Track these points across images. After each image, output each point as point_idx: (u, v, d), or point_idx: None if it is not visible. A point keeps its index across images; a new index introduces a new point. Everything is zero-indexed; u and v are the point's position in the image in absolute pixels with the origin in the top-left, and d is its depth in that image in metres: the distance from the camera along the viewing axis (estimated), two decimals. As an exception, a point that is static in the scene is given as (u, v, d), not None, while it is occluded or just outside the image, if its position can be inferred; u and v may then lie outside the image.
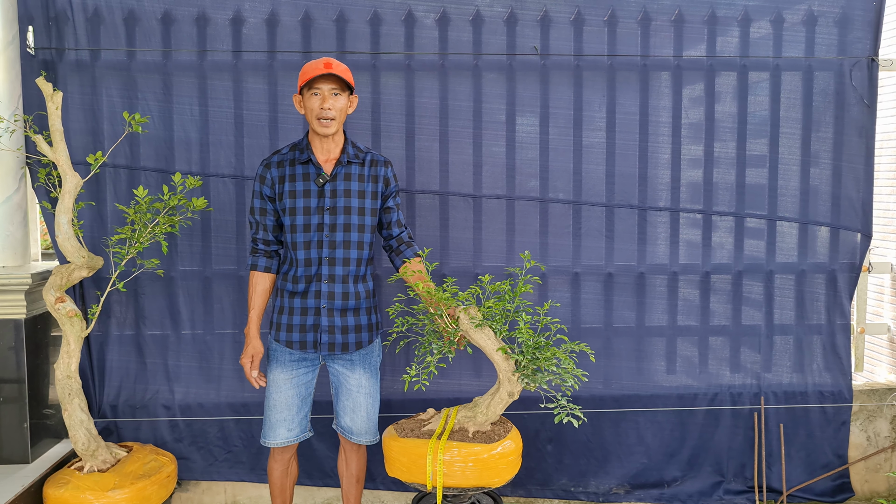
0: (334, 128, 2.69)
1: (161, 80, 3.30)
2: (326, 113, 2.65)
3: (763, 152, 3.50)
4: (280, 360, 2.82)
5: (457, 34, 3.36)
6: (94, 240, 3.31)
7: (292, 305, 2.77)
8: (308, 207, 2.71)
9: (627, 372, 3.54)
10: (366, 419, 2.85)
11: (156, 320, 3.40)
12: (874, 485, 3.68)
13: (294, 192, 2.72)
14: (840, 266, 3.55)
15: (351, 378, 2.82)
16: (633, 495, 3.56)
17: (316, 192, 2.72)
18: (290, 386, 2.81)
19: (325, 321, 2.75)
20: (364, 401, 2.83)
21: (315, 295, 2.74)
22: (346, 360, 2.82)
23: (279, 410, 2.82)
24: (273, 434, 2.83)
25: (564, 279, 3.48)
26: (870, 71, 3.46)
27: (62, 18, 3.24)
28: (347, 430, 2.86)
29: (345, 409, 2.85)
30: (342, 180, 2.73)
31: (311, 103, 2.67)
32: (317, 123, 2.67)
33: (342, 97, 2.69)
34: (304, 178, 2.72)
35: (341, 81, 2.67)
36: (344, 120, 2.74)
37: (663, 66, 3.44)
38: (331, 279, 2.74)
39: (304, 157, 2.73)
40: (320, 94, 2.66)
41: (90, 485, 2.86)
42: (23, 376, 3.14)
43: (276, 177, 2.75)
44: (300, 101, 2.73)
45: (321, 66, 2.64)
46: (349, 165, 2.75)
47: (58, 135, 2.90)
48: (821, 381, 3.59)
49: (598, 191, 3.46)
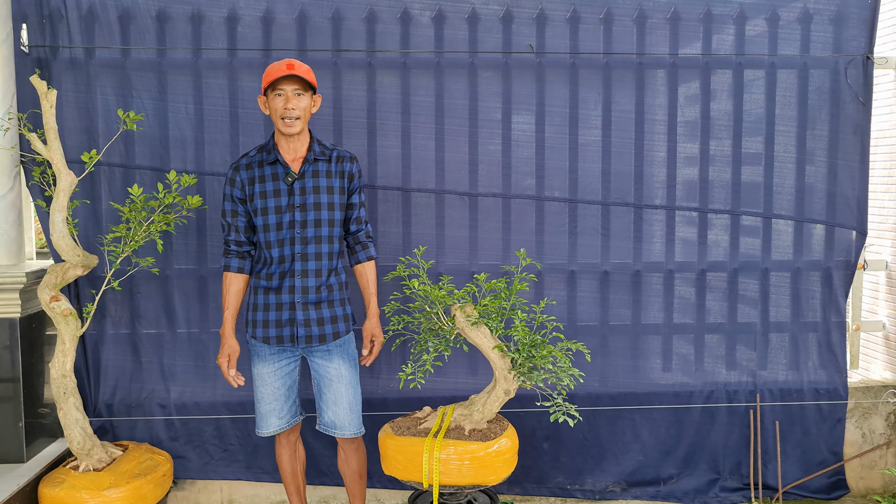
0: (298, 127, 2.75)
1: (156, 78, 3.29)
2: (290, 113, 2.71)
3: (759, 150, 3.50)
4: (261, 355, 2.88)
5: (453, 32, 3.36)
6: (88, 238, 3.30)
7: (267, 302, 2.82)
8: (279, 206, 2.77)
9: (623, 370, 3.54)
10: (348, 410, 2.87)
11: (151, 319, 3.40)
12: (869, 481, 3.69)
13: (264, 192, 2.78)
14: (835, 264, 3.56)
15: (330, 368, 2.85)
16: (629, 493, 3.57)
17: (286, 191, 2.78)
18: (274, 378, 2.88)
19: (301, 315, 2.80)
20: (345, 391, 2.86)
21: (289, 290, 2.80)
22: (323, 351, 2.85)
23: (268, 402, 2.89)
24: (265, 424, 2.92)
25: (560, 277, 3.49)
26: (865, 68, 3.47)
27: (56, 16, 3.23)
28: (331, 425, 2.88)
29: (326, 403, 2.87)
30: (310, 177, 2.79)
31: (275, 104, 2.73)
32: (281, 123, 2.73)
33: (305, 97, 2.75)
34: (273, 178, 2.78)
35: (304, 82, 2.72)
36: (308, 119, 2.79)
37: (659, 63, 3.44)
38: (304, 274, 2.79)
39: (271, 157, 2.79)
40: (284, 94, 2.71)
41: (86, 484, 2.85)
42: (17, 375, 3.13)
43: (245, 179, 2.80)
44: (265, 101, 2.79)
45: (283, 67, 2.70)
46: (316, 163, 2.81)
47: (52, 133, 2.89)
48: (816, 378, 3.60)
49: (594, 189, 3.46)
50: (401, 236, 3.40)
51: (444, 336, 2.83)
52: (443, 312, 2.79)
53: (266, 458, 3.47)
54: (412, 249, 3.25)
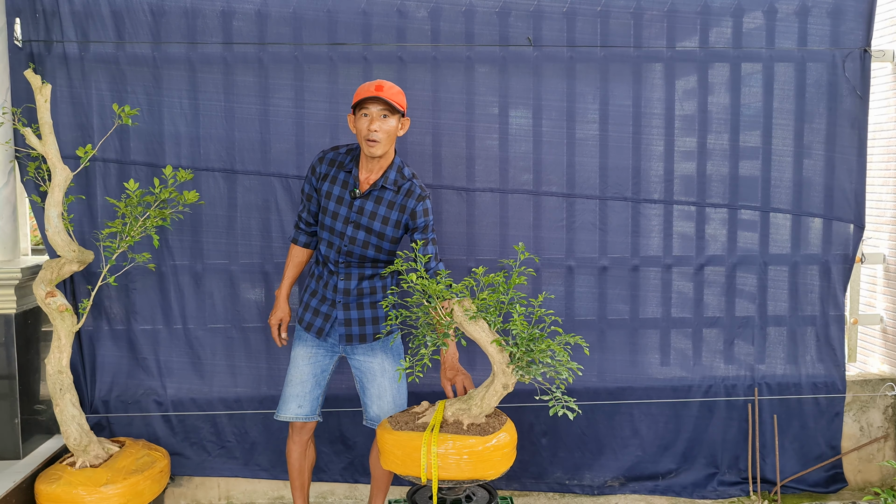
0: (380, 150, 2.72)
1: (151, 73, 3.28)
2: (373, 135, 2.69)
3: (756, 144, 3.50)
4: (303, 339, 2.96)
5: (449, 26, 3.35)
6: (84, 234, 3.29)
7: (315, 288, 2.92)
8: (337, 213, 2.82)
9: (621, 364, 3.54)
10: (392, 404, 2.92)
11: (147, 315, 3.38)
12: (867, 475, 3.69)
13: (331, 193, 2.82)
14: (833, 257, 3.55)
15: (374, 363, 2.91)
16: (627, 488, 3.56)
17: (348, 202, 2.81)
18: (307, 363, 2.93)
19: (342, 314, 2.88)
20: (389, 385, 2.91)
21: (333, 288, 2.87)
22: (366, 348, 2.91)
23: (294, 385, 2.94)
24: (285, 408, 2.95)
25: (558, 272, 3.48)
26: (862, 62, 3.46)
27: (50, 10, 3.21)
28: (377, 419, 2.93)
29: (371, 398, 2.92)
30: (373, 202, 2.80)
31: (360, 124, 2.71)
32: (364, 144, 2.72)
33: (392, 119, 2.71)
34: (343, 184, 2.82)
35: (391, 104, 2.68)
36: (393, 142, 2.77)
37: (656, 57, 3.43)
38: (347, 277, 2.86)
39: (349, 166, 2.82)
40: (369, 115, 2.69)
41: (82, 480, 2.84)
42: (13, 372, 3.11)
43: (323, 173, 2.85)
44: (353, 120, 2.76)
45: (372, 88, 2.68)
46: (383, 190, 2.81)
47: (47, 128, 2.87)
48: (814, 372, 3.60)
49: (592, 183, 3.45)
50: (398, 231, 3.39)
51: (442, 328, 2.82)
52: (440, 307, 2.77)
53: (263, 455, 3.47)
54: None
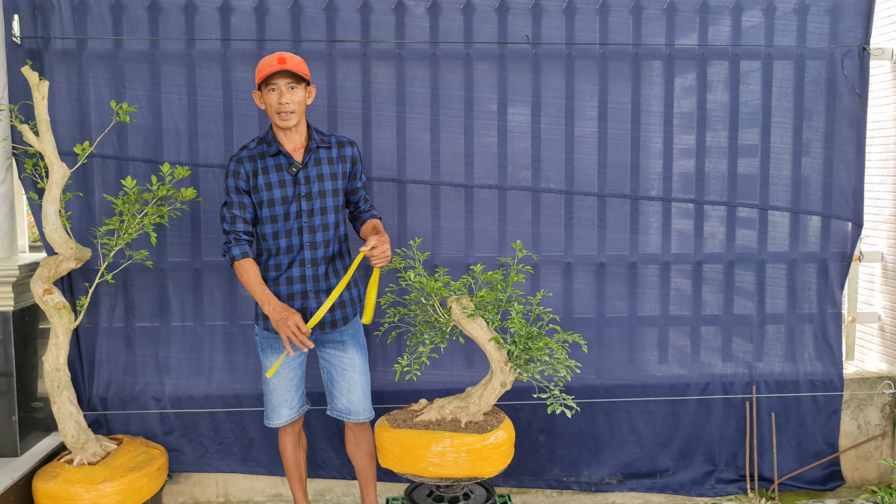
0: (294, 120, 2.74)
1: (149, 69, 3.27)
2: (285, 107, 2.71)
3: (755, 141, 3.50)
4: (273, 346, 2.88)
5: (448, 23, 3.34)
6: (82, 231, 3.28)
7: (278, 293, 2.80)
8: (285, 197, 2.77)
9: (619, 362, 3.54)
10: (361, 397, 2.91)
11: (145, 312, 3.38)
12: (864, 472, 3.70)
13: (269, 183, 2.77)
14: (831, 255, 3.55)
15: (344, 358, 2.89)
16: (625, 485, 3.57)
17: (290, 181, 2.78)
18: (287, 369, 2.89)
19: (314, 303, 2.82)
20: (358, 379, 2.90)
21: (300, 280, 2.81)
22: (337, 342, 2.88)
23: (280, 393, 2.90)
24: (276, 415, 2.92)
25: (556, 269, 3.48)
26: (861, 60, 3.46)
27: (48, 6, 3.20)
28: (345, 411, 2.91)
29: (340, 391, 2.90)
30: (313, 166, 2.80)
31: (270, 99, 2.73)
32: (277, 118, 2.73)
33: (299, 89, 2.74)
34: (276, 169, 2.78)
35: (296, 75, 2.71)
36: (304, 111, 2.78)
37: (655, 55, 3.42)
38: (314, 262, 2.81)
39: (272, 149, 2.78)
40: (277, 89, 2.71)
41: (80, 478, 2.84)
42: (11, 369, 3.11)
43: (249, 171, 2.78)
44: (259, 96, 2.78)
45: (275, 61, 2.68)
46: (318, 150, 2.82)
47: (44, 124, 2.86)
48: (812, 370, 3.60)
49: (590, 180, 3.45)
50: (396, 228, 3.38)
51: (440, 328, 2.82)
52: (439, 304, 2.78)
53: (261, 451, 3.47)
54: (408, 241, 3.23)
